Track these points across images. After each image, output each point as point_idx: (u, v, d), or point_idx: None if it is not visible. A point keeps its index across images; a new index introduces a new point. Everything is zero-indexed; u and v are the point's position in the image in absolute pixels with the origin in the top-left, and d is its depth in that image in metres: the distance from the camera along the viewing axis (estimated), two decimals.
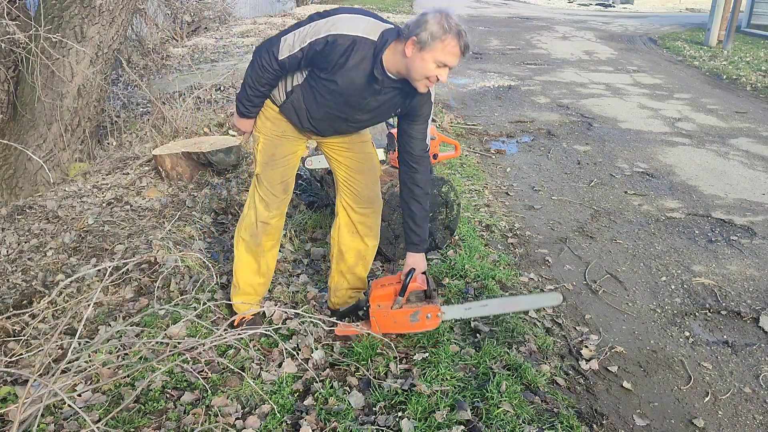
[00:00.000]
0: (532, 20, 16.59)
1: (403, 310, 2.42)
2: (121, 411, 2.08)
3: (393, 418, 2.07)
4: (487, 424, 2.06)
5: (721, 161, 5.23)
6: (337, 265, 2.69)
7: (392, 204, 3.08)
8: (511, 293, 3.02)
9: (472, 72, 9.17)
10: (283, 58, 2.20)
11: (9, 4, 3.89)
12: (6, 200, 4.05)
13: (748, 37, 13.12)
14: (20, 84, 4.11)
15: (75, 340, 1.75)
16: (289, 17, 15.13)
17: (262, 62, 2.25)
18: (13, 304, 2.83)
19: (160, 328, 2.62)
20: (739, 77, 8.87)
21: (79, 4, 4.00)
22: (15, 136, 4.08)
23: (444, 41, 2.03)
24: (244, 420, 2.09)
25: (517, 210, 4.19)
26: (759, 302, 3.07)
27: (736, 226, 3.95)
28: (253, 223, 2.57)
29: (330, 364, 2.41)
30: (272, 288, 2.97)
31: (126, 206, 3.93)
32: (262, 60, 2.24)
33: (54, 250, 3.36)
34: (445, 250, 3.37)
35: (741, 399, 2.41)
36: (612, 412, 2.32)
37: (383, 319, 2.45)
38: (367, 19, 2.20)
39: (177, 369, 2.34)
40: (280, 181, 2.55)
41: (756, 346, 2.73)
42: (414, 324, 2.45)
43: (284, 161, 2.53)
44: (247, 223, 2.59)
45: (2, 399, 2.19)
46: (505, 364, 2.40)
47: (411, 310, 2.42)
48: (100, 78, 4.28)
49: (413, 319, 2.43)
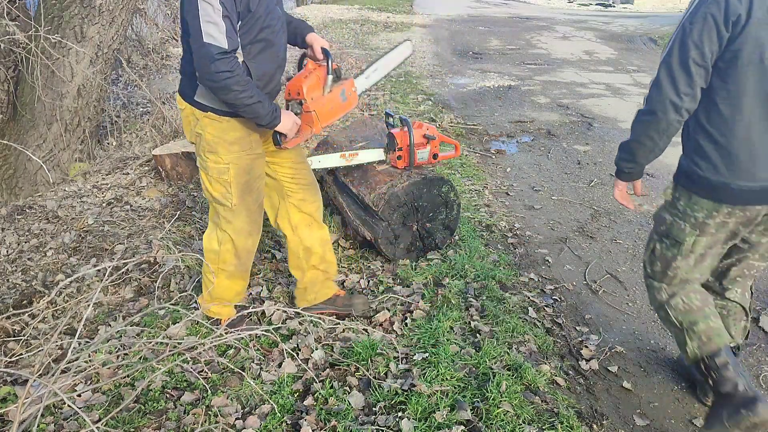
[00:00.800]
0: (532, 20, 16.59)
1: (333, 92, 2.40)
2: (121, 411, 2.08)
3: (393, 418, 2.07)
4: (487, 424, 2.06)
5: None
6: (308, 262, 2.61)
7: (392, 204, 3.08)
8: (510, 293, 3.02)
9: (472, 72, 9.17)
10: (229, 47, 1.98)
11: (9, 4, 3.89)
12: (6, 200, 4.05)
13: None
14: (20, 84, 4.11)
15: (75, 340, 1.75)
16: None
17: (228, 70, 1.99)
18: (13, 304, 2.83)
19: (160, 328, 2.62)
20: None
21: (79, 4, 4.00)
22: (15, 136, 4.08)
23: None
24: (244, 420, 2.09)
25: (517, 210, 4.19)
26: (759, 302, 3.07)
27: None
28: (234, 255, 2.41)
29: (330, 364, 2.41)
30: (272, 288, 2.97)
31: (126, 206, 3.93)
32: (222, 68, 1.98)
33: (54, 250, 3.36)
34: (445, 250, 3.37)
35: None
36: (612, 412, 2.32)
37: (322, 108, 2.38)
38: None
39: (177, 369, 2.34)
40: (258, 205, 2.40)
41: (756, 346, 2.73)
42: (344, 103, 2.46)
43: (259, 182, 2.36)
44: (226, 257, 2.41)
45: (2, 399, 2.19)
46: (505, 364, 2.40)
47: (338, 88, 2.41)
48: (100, 78, 4.28)
49: (343, 98, 2.44)
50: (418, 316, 2.73)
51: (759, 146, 1.79)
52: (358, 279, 3.09)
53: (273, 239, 3.48)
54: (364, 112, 6.30)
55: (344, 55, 9.52)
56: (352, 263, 3.28)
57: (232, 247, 2.39)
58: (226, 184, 2.27)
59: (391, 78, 8.18)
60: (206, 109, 2.19)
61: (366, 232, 3.17)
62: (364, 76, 2.79)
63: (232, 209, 2.31)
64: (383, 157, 3.30)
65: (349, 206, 3.32)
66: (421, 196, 3.17)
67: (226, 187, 2.27)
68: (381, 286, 3.02)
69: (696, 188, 1.92)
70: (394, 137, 3.18)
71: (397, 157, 3.20)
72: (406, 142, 3.17)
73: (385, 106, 6.52)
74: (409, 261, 3.24)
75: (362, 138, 3.64)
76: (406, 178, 3.14)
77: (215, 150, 2.23)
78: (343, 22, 14.47)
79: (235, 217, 2.33)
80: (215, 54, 1.96)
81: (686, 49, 1.75)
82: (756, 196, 1.83)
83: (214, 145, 2.22)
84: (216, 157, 2.23)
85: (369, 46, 11.27)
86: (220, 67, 1.97)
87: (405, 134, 3.17)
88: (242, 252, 2.42)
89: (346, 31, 13.09)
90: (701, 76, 1.77)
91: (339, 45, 11.04)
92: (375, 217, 3.13)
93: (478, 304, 2.85)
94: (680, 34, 1.78)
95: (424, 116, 6.26)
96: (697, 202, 1.94)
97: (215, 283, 2.47)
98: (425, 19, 16.22)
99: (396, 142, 3.17)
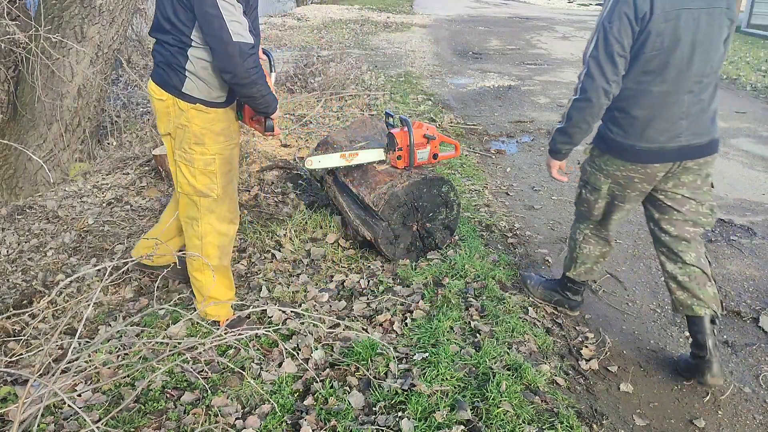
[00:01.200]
0: (532, 20, 16.59)
1: None
2: (121, 411, 2.08)
3: (393, 418, 2.07)
4: (487, 424, 2.06)
5: (721, 161, 5.23)
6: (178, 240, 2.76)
7: (392, 204, 3.08)
8: (510, 293, 3.02)
9: (472, 72, 9.18)
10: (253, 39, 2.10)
11: (9, 4, 3.89)
12: (6, 200, 4.05)
13: (748, 37, 13.11)
14: (20, 84, 4.11)
15: (75, 340, 1.75)
16: (289, 17, 15.14)
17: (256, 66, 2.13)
18: (13, 304, 2.83)
19: (160, 328, 2.62)
20: (739, 77, 8.87)
21: (79, 4, 4.00)
22: (15, 136, 4.08)
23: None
24: (244, 420, 2.09)
25: (517, 210, 4.19)
26: (759, 302, 3.07)
27: (735, 226, 3.95)
28: (216, 246, 2.48)
29: (330, 364, 2.41)
30: (272, 288, 2.97)
31: (126, 206, 3.94)
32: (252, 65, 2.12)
33: (54, 250, 3.36)
34: (445, 250, 3.37)
35: (741, 399, 2.41)
36: (612, 412, 2.32)
37: None
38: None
39: (177, 369, 2.34)
40: (236, 193, 2.49)
41: (756, 346, 2.73)
42: None
43: (236, 171, 2.48)
44: (209, 251, 2.47)
45: (2, 399, 2.19)
46: (505, 364, 2.40)
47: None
48: (100, 78, 4.28)
49: None
50: (418, 316, 2.74)
51: (657, 116, 2.19)
52: (358, 279, 3.09)
53: (273, 239, 3.48)
54: (364, 112, 6.31)
55: (344, 55, 9.52)
56: (352, 263, 3.28)
57: (213, 238, 2.45)
58: (211, 175, 2.33)
59: (391, 78, 8.19)
60: (195, 101, 2.23)
61: (366, 232, 3.17)
62: None
63: (216, 199, 2.38)
64: (383, 157, 3.30)
65: (349, 206, 3.32)
66: (421, 196, 3.17)
67: (212, 178, 2.33)
68: (381, 286, 3.02)
69: (609, 149, 2.36)
70: (394, 137, 3.18)
71: (397, 157, 3.20)
72: (406, 142, 3.17)
73: (385, 106, 6.52)
74: (409, 261, 3.24)
75: (362, 138, 3.63)
76: (406, 178, 3.14)
77: (202, 141, 2.28)
78: (343, 22, 14.48)
79: (219, 206, 2.41)
80: (248, 50, 2.06)
81: (610, 44, 2.09)
82: (654, 156, 2.25)
83: (201, 137, 2.27)
84: (203, 149, 2.29)
85: (369, 46, 11.27)
86: (251, 63, 2.09)
87: (405, 134, 3.17)
88: (224, 240, 2.49)
89: (346, 31, 13.09)
90: (623, 65, 2.14)
91: (339, 45, 11.04)
92: (375, 217, 3.13)
93: (478, 304, 2.85)
94: (602, 32, 2.11)
95: (424, 116, 6.26)
96: (609, 160, 2.38)
97: (203, 281, 2.52)
98: (425, 19, 16.22)
99: (396, 142, 3.17)
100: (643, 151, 2.24)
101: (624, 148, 2.28)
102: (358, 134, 3.72)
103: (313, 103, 6.56)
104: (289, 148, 5.13)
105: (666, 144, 2.21)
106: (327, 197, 3.80)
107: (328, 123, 5.92)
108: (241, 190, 4.11)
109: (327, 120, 6.02)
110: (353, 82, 7.57)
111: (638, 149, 2.25)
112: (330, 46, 10.79)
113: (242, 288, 3.01)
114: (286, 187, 4.29)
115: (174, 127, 2.30)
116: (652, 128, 2.20)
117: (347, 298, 2.95)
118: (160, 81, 2.27)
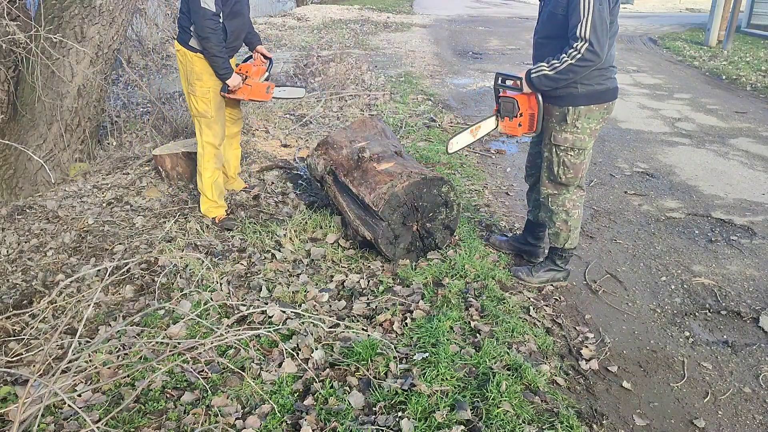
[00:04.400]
0: (531, 20, 16.58)
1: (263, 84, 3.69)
2: (121, 411, 2.08)
3: (393, 418, 2.07)
4: (487, 424, 2.06)
5: (721, 161, 5.23)
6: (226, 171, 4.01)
7: (392, 204, 3.08)
8: (510, 293, 3.02)
9: (472, 72, 9.18)
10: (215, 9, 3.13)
11: (9, 4, 3.89)
12: (6, 200, 4.05)
13: (748, 37, 13.11)
14: (20, 84, 4.11)
15: (75, 339, 1.75)
16: (289, 17, 15.14)
17: (213, 28, 3.15)
18: (13, 304, 2.83)
19: (160, 328, 2.62)
20: (739, 77, 8.87)
21: (79, 4, 4.00)
22: (15, 136, 4.08)
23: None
24: (244, 420, 2.09)
25: (517, 210, 4.19)
26: (759, 302, 3.07)
27: (736, 226, 3.95)
28: (213, 155, 3.55)
29: (330, 364, 2.41)
30: (272, 288, 2.98)
31: (126, 206, 3.94)
32: (210, 26, 3.14)
33: (54, 250, 3.36)
34: (445, 250, 3.37)
35: (741, 399, 2.41)
36: (612, 412, 2.32)
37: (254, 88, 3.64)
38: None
39: (177, 369, 2.34)
40: (223, 120, 3.61)
41: (756, 346, 2.73)
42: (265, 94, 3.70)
43: (224, 105, 3.60)
44: (208, 157, 3.54)
45: (2, 399, 2.19)
46: (505, 364, 2.40)
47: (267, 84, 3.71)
48: (100, 78, 4.28)
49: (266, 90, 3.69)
50: (418, 316, 2.74)
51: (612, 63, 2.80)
52: (358, 279, 3.09)
53: (273, 239, 3.48)
54: (364, 112, 6.31)
55: (344, 55, 9.52)
56: (352, 263, 3.28)
57: (209, 150, 3.56)
58: (207, 101, 3.45)
59: (391, 78, 8.19)
60: (196, 51, 3.35)
61: (366, 232, 3.17)
62: (281, 89, 3.92)
63: (210, 119, 3.49)
64: (495, 125, 3.06)
65: (349, 206, 3.32)
66: (421, 196, 3.17)
67: (207, 103, 3.46)
68: (381, 286, 3.02)
69: (594, 99, 2.78)
70: (516, 101, 2.87)
71: (518, 124, 2.92)
72: (530, 106, 2.88)
73: (385, 106, 6.52)
74: (409, 261, 3.24)
75: (362, 138, 3.64)
76: (406, 178, 3.14)
77: (201, 78, 3.40)
78: (343, 22, 14.48)
79: (213, 125, 3.52)
80: (210, 15, 3.15)
81: (604, 22, 2.57)
82: (616, 92, 2.85)
83: (201, 74, 3.40)
84: (201, 83, 3.41)
85: (369, 46, 11.27)
86: (209, 24, 3.17)
87: (528, 98, 2.86)
88: (217, 153, 3.60)
89: (346, 31, 13.09)
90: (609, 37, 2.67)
91: (339, 45, 11.04)
92: (375, 217, 3.13)
93: (478, 304, 2.85)
94: (597, 11, 2.53)
95: (424, 116, 6.26)
96: (591, 112, 2.79)
97: (203, 180, 3.59)
98: (425, 19, 16.22)
99: (518, 107, 2.87)
100: (615, 89, 2.84)
101: (607, 89, 2.80)
102: (358, 134, 3.73)
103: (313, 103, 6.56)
104: (289, 148, 5.13)
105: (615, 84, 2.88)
106: (327, 197, 3.80)
107: (328, 123, 5.93)
108: (242, 190, 4.12)
109: (327, 120, 6.03)
110: (353, 82, 7.58)
111: (611, 88, 2.81)
112: (330, 46, 10.79)
113: (242, 288, 3.01)
114: (286, 187, 4.29)
115: (185, 70, 3.43)
116: (611, 72, 2.81)
117: (347, 298, 2.95)
118: (179, 39, 3.40)
